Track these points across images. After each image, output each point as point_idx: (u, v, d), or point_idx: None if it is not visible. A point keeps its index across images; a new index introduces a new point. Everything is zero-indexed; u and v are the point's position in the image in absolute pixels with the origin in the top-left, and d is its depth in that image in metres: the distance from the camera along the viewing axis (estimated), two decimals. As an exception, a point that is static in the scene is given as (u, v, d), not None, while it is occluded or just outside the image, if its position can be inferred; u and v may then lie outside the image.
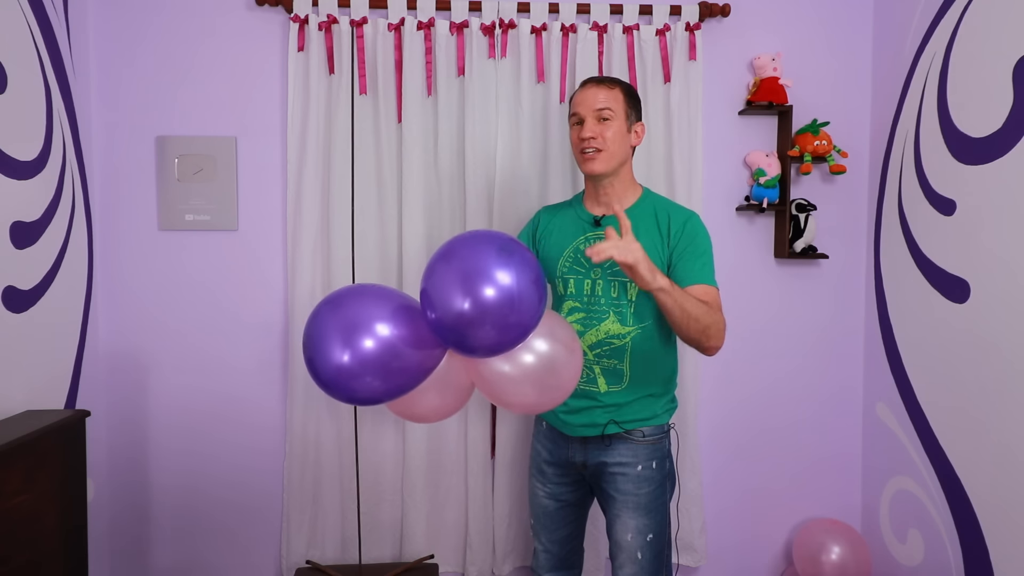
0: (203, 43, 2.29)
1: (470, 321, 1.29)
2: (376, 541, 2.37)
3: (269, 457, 2.39)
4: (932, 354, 2.16)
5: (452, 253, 1.36)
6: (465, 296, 1.28)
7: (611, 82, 1.73)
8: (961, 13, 2.03)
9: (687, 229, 1.68)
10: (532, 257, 1.42)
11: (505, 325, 1.31)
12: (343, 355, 1.29)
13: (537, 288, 1.37)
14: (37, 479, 1.59)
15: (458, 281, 1.29)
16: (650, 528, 1.71)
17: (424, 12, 2.27)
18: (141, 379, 2.33)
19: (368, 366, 1.30)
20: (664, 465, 1.75)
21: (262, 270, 2.35)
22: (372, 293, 1.40)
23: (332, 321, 1.31)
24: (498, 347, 1.36)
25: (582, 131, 1.70)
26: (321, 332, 1.31)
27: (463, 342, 1.34)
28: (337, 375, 1.30)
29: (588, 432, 1.73)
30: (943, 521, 2.10)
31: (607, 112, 1.69)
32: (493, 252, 1.32)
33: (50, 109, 2.00)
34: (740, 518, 2.54)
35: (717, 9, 2.38)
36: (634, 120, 1.75)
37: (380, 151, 2.28)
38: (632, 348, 1.70)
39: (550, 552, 1.90)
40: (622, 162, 1.73)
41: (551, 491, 1.85)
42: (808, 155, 2.35)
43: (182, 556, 2.38)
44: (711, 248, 1.70)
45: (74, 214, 2.13)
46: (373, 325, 1.31)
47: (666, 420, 1.77)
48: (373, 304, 1.35)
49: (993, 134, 1.89)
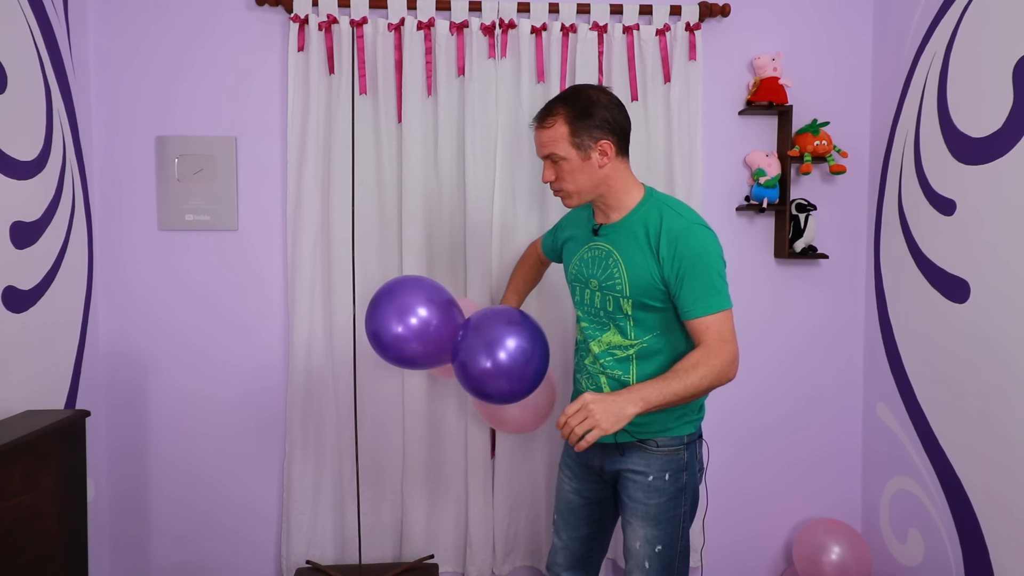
0: (203, 43, 2.29)
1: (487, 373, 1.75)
2: (376, 541, 2.37)
3: (269, 457, 2.39)
4: (932, 354, 2.16)
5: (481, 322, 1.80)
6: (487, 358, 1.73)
7: (552, 116, 1.59)
8: (961, 13, 2.03)
9: (679, 251, 1.53)
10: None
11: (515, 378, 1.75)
12: (398, 327, 1.74)
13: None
14: (37, 479, 1.59)
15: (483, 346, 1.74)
16: (659, 539, 1.66)
17: (424, 12, 2.27)
18: (141, 379, 2.33)
19: (415, 334, 1.75)
20: (680, 478, 1.67)
21: (262, 270, 2.35)
22: (416, 284, 1.82)
23: (390, 306, 1.77)
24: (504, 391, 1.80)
25: (543, 174, 1.66)
26: (382, 312, 1.76)
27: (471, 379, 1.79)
28: (395, 339, 1.75)
29: (604, 439, 1.66)
30: (943, 521, 2.10)
31: (554, 156, 1.60)
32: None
33: (50, 109, 2.00)
34: (740, 518, 2.54)
35: (717, 9, 2.38)
36: (589, 142, 1.57)
37: (380, 151, 2.28)
38: (637, 360, 1.65)
39: (569, 549, 1.86)
40: (596, 188, 1.63)
41: (576, 487, 1.82)
42: (808, 155, 2.35)
43: (182, 556, 2.38)
44: (713, 260, 1.54)
45: (74, 214, 2.13)
46: (416, 309, 1.77)
47: (686, 432, 1.68)
48: (417, 293, 1.79)
49: (993, 134, 1.89)
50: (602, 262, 1.66)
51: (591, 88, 1.62)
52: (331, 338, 2.30)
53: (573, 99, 1.60)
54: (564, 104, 1.60)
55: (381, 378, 2.33)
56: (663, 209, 1.60)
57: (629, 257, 1.61)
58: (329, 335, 2.31)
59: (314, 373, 2.32)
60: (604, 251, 1.66)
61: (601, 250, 1.67)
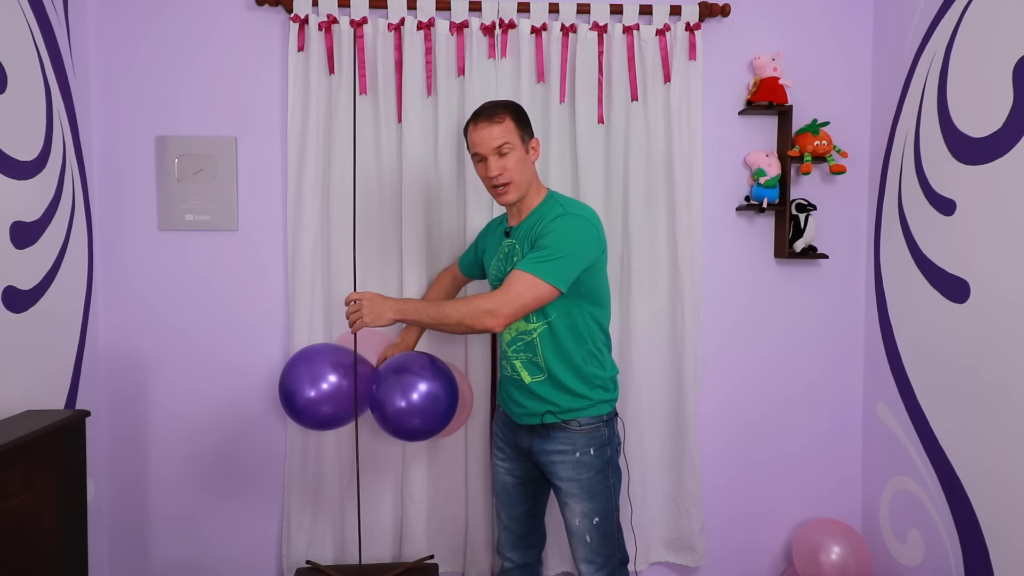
0: (203, 43, 2.29)
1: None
2: (376, 541, 2.37)
3: (269, 457, 2.39)
4: (932, 354, 2.16)
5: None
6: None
7: (501, 113, 1.76)
8: (961, 13, 2.03)
9: (547, 227, 1.70)
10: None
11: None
12: (311, 392, 1.87)
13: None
14: (37, 479, 1.59)
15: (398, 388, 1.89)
16: (595, 512, 1.82)
17: (424, 12, 2.27)
18: (141, 379, 2.33)
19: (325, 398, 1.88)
20: (604, 452, 1.84)
21: (262, 270, 2.36)
22: (323, 353, 1.95)
23: (304, 372, 1.91)
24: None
25: (487, 169, 1.76)
26: (297, 378, 1.90)
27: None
28: (307, 404, 1.88)
29: (530, 420, 1.85)
30: (943, 521, 2.10)
31: (506, 147, 1.75)
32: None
33: (50, 109, 2.00)
34: (740, 518, 2.54)
35: (717, 9, 2.38)
36: (528, 139, 1.80)
37: (380, 151, 2.28)
38: (541, 342, 1.80)
39: (509, 529, 2.01)
40: (529, 182, 1.81)
41: (510, 467, 1.97)
42: (808, 155, 2.35)
43: (182, 556, 2.38)
44: (566, 241, 1.67)
45: (74, 214, 2.13)
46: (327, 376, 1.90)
47: (604, 411, 1.85)
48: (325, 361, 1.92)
49: (993, 134, 1.89)
50: (508, 257, 1.84)
51: (507, 101, 1.83)
52: (331, 338, 2.30)
53: (508, 103, 1.80)
54: (504, 106, 1.79)
55: (381, 378, 2.33)
56: (553, 204, 1.78)
57: (524, 245, 1.78)
58: (329, 335, 2.31)
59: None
60: (511, 247, 1.84)
61: (510, 247, 1.84)
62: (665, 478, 2.44)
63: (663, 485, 2.45)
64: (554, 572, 2.41)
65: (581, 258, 1.69)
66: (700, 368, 2.42)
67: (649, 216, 2.37)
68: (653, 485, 2.43)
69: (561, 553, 2.41)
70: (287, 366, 1.93)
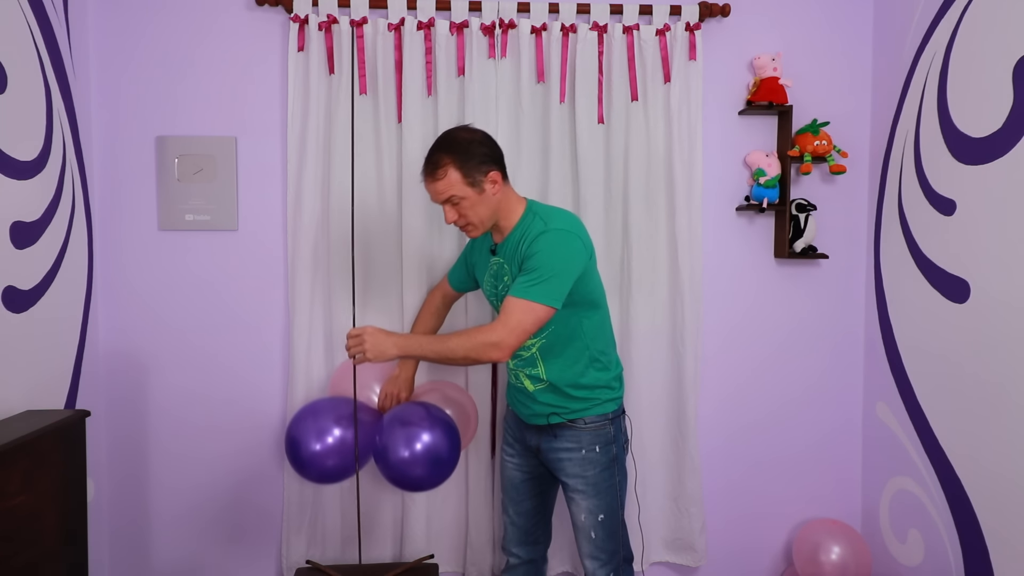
0: (203, 43, 2.29)
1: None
2: (376, 541, 2.37)
3: (269, 457, 2.39)
4: (932, 354, 2.16)
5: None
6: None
7: (443, 164, 1.71)
8: (961, 13, 2.03)
9: (530, 249, 1.70)
10: None
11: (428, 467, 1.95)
12: (316, 445, 1.93)
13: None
14: (37, 479, 1.59)
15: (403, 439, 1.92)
16: (600, 508, 1.85)
17: (424, 12, 2.27)
18: (141, 379, 2.33)
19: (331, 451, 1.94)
20: (609, 450, 1.86)
21: (262, 270, 2.35)
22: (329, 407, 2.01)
23: (310, 426, 1.96)
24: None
25: (445, 216, 1.77)
26: (302, 432, 1.96)
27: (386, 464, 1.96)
28: (312, 456, 1.93)
29: (537, 421, 1.89)
30: (943, 521, 2.10)
31: (453, 198, 1.73)
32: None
33: (50, 109, 2.00)
34: (740, 518, 2.54)
35: (717, 9, 2.38)
36: (480, 177, 1.72)
37: (380, 151, 2.28)
38: (541, 356, 1.83)
39: (516, 525, 2.04)
40: (495, 214, 1.79)
41: (519, 463, 2.01)
42: (808, 155, 2.35)
43: (182, 556, 2.38)
44: (552, 260, 1.67)
45: (74, 214, 2.13)
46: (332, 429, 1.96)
47: (609, 409, 1.87)
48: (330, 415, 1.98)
49: (993, 134, 1.89)
50: (498, 276, 1.85)
51: (461, 130, 1.78)
52: (331, 338, 2.30)
53: (452, 145, 1.73)
54: (446, 152, 1.72)
55: (381, 378, 2.33)
56: (534, 219, 1.77)
57: (512, 265, 1.78)
58: (329, 335, 2.31)
59: (314, 373, 2.32)
60: (499, 265, 1.85)
61: (498, 265, 1.85)
62: (665, 478, 2.44)
63: (663, 485, 2.45)
64: (555, 572, 2.41)
65: (570, 273, 1.71)
66: (700, 368, 2.42)
67: (649, 216, 2.37)
68: (653, 485, 2.43)
69: (562, 553, 2.41)
70: (292, 421, 2.00)
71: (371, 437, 1.97)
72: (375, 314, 2.31)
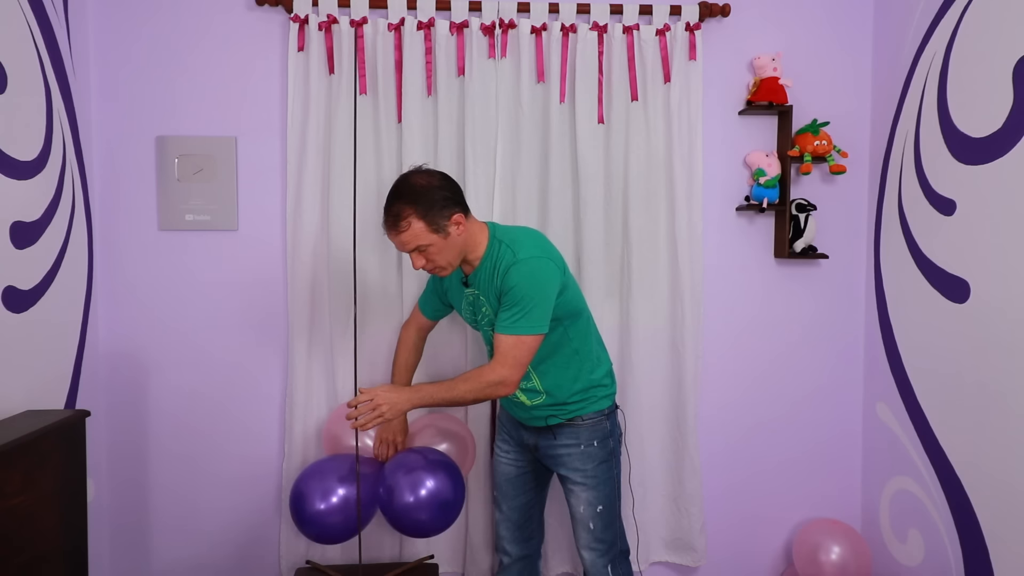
0: (203, 43, 2.29)
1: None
2: (376, 541, 2.37)
3: (269, 457, 2.39)
4: (932, 354, 2.15)
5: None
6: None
7: (405, 216, 1.70)
8: (961, 13, 2.03)
9: (505, 282, 1.73)
10: None
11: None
12: (320, 504, 1.96)
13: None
14: (37, 479, 1.59)
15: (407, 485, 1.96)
16: (599, 500, 1.90)
17: (424, 12, 2.27)
18: (141, 379, 2.33)
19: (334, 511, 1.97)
20: (607, 444, 1.92)
21: (262, 270, 2.35)
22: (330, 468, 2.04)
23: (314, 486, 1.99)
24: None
25: (413, 263, 1.79)
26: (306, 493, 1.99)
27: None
28: (315, 514, 1.96)
29: (535, 423, 1.94)
30: (943, 521, 2.10)
31: (419, 247, 1.75)
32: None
33: (50, 109, 2.00)
34: (740, 518, 2.54)
35: (717, 9, 2.38)
36: (444, 223, 1.73)
37: (380, 151, 2.28)
38: (534, 368, 1.86)
39: (510, 520, 2.07)
40: (462, 252, 1.81)
41: (513, 458, 2.05)
42: (808, 155, 2.35)
43: (182, 556, 2.38)
44: (529, 291, 1.71)
45: (74, 214, 2.13)
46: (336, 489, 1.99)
47: (604, 405, 1.93)
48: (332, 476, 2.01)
49: (993, 134, 1.89)
50: (476, 306, 1.88)
51: (417, 175, 1.77)
52: (331, 337, 2.30)
53: (412, 194, 1.72)
54: (407, 203, 1.71)
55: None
56: (503, 249, 1.78)
57: (489, 297, 1.81)
58: (329, 335, 2.31)
59: (313, 373, 2.32)
60: (474, 296, 1.88)
61: (473, 296, 1.88)
62: (665, 478, 2.44)
63: (663, 485, 2.45)
64: (555, 572, 2.41)
65: (549, 297, 1.75)
66: (700, 368, 2.42)
67: (649, 216, 2.37)
68: (653, 485, 2.43)
69: (562, 553, 2.41)
70: (296, 483, 2.02)
71: (375, 489, 2.00)
72: (376, 313, 2.31)
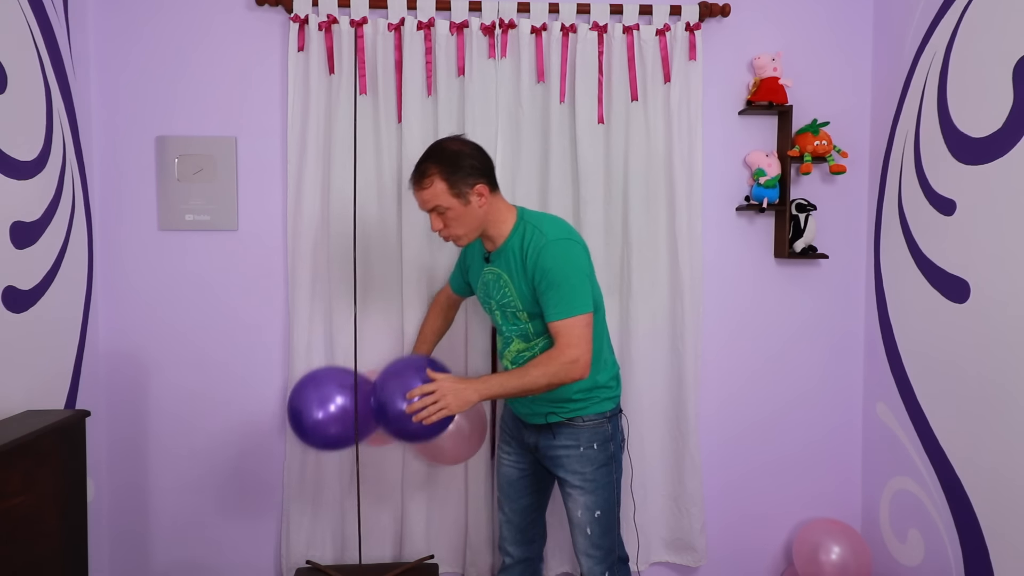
0: (203, 43, 2.29)
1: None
2: (376, 541, 2.37)
3: (269, 457, 2.39)
4: (932, 354, 2.16)
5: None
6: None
7: (430, 174, 1.73)
8: (961, 13, 2.03)
9: (539, 264, 1.72)
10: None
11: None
12: (319, 413, 1.86)
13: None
14: (37, 479, 1.59)
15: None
16: (597, 505, 1.87)
17: (424, 12, 2.27)
18: (141, 379, 2.33)
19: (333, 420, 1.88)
20: (607, 447, 1.89)
21: (262, 270, 2.35)
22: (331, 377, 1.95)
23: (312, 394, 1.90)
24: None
25: (431, 224, 1.80)
26: (305, 400, 1.90)
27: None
28: (315, 424, 1.87)
29: (535, 420, 1.91)
30: (943, 521, 2.10)
31: (438, 208, 1.76)
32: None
33: (50, 109, 2.00)
34: (740, 518, 2.54)
35: (717, 9, 2.38)
36: (467, 190, 1.74)
37: (380, 151, 2.28)
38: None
39: (512, 523, 2.05)
40: (481, 225, 1.81)
41: (515, 460, 2.03)
42: (808, 155, 2.35)
43: (182, 556, 2.38)
44: (568, 272, 1.71)
45: (74, 214, 2.13)
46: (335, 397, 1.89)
47: (607, 408, 1.89)
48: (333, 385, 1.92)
49: (993, 134, 1.89)
50: (496, 284, 1.86)
51: (451, 141, 1.80)
52: (331, 338, 2.30)
53: (440, 156, 1.75)
54: (435, 163, 1.74)
55: (381, 378, 2.33)
56: (530, 229, 1.78)
57: (513, 276, 1.80)
58: (329, 335, 2.31)
59: (314, 373, 2.32)
60: (496, 275, 1.86)
61: (494, 274, 1.87)
62: (665, 478, 2.45)
63: (663, 485, 2.45)
64: (555, 572, 2.41)
65: (586, 275, 1.77)
66: (700, 368, 2.42)
67: (649, 216, 2.37)
68: (653, 485, 2.43)
69: (562, 554, 2.41)
70: (294, 390, 1.94)
71: (367, 402, 1.91)
72: (376, 313, 2.31)
